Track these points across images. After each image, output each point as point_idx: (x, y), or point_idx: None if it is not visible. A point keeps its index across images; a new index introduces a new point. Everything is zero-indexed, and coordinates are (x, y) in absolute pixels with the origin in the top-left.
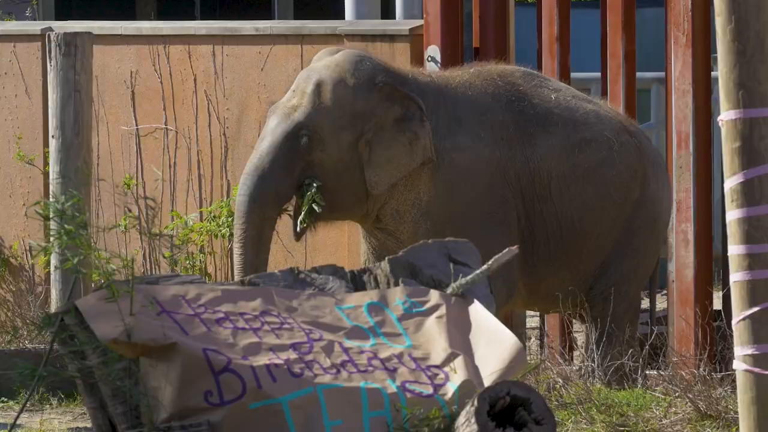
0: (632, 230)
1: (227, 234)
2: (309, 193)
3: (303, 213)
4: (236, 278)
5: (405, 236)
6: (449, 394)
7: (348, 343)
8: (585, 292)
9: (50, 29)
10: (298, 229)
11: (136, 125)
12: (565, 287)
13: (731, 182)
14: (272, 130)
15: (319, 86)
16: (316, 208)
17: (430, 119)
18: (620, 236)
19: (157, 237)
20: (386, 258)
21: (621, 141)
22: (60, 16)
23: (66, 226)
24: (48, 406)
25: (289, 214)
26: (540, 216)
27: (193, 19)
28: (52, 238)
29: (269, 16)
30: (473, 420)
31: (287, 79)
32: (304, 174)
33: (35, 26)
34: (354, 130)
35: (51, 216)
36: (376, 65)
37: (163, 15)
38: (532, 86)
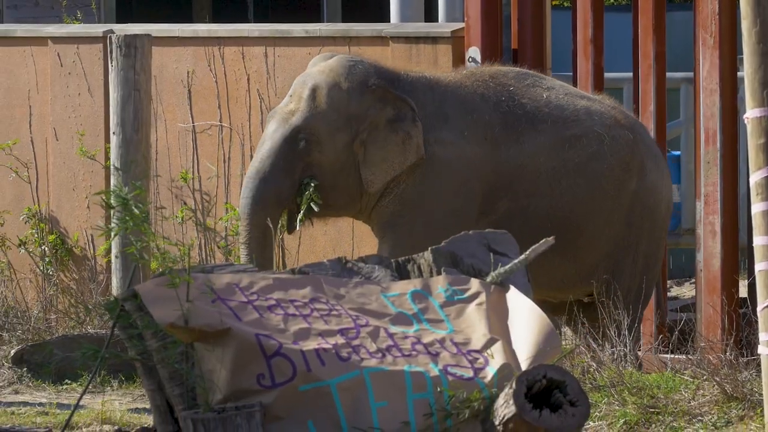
0: (631, 222)
1: (279, 225)
2: (307, 192)
3: (302, 211)
4: None
5: (376, 218)
6: (489, 377)
7: (393, 329)
8: (591, 281)
9: (111, 31)
10: (297, 226)
11: (193, 122)
12: (570, 276)
13: (756, 176)
14: (271, 134)
15: (314, 91)
16: (314, 207)
17: (420, 117)
18: (620, 229)
19: (212, 231)
20: (429, 248)
21: (612, 135)
22: (121, 19)
23: (134, 209)
24: (109, 388)
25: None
26: (526, 210)
27: (247, 21)
28: (114, 222)
29: (318, 18)
30: (511, 402)
31: None
32: (303, 175)
33: (97, 29)
34: (349, 132)
35: (114, 204)
36: (368, 68)
37: (217, 18)
38: (525, 86)
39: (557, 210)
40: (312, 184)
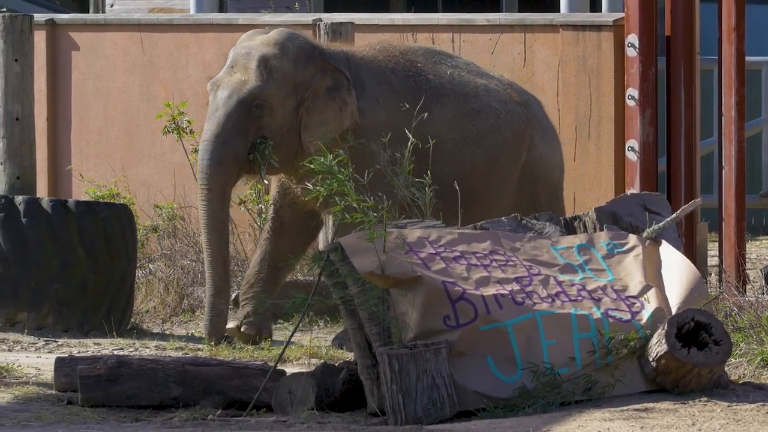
0: (522, 190)
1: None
2: (267, 151)
3: (263, 168)
4: (202, 232)
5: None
6: (644, 320)
7: (561, 277)
8: None
9: (320, 20)
10: (263, 179)
11: None
12: None
13: None
14: (225, 101)
15: (263, 61)
16: (274, 163)
17: (355, 88)
18: (513, 196)
19: (411, 186)
20: (593, 207)
21: (508, 110)
22: (328, 8)
23: (340, 173)
24: (316, 327)
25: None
26: (428, 176)
27: (436, 11)
28: (325, 184)
29: (498, 9)
30: (664, 341)
31: (512, 61)
32: (254, 137)
33: (308, 17)
34: (296, 98)
35: (320, 170)
36: (306, 41)
37: (411, 8)
38: (432, 62)
39: (457, 177)
40: (270, 144)
